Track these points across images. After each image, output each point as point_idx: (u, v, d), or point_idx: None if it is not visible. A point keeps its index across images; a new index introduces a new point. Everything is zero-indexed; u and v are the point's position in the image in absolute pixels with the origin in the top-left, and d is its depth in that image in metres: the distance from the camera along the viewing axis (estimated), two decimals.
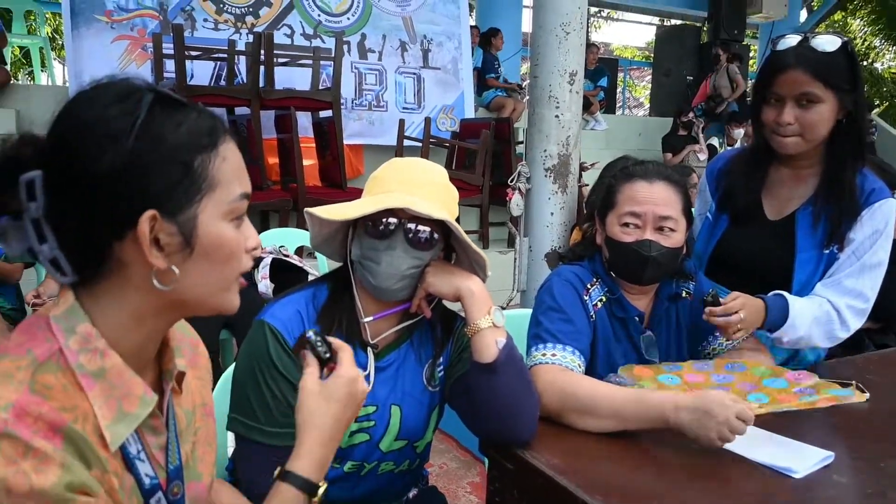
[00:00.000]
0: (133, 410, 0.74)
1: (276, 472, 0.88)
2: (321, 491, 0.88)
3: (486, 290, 1.18)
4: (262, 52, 4.80)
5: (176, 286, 0.73)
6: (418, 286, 1.19)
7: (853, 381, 1.25)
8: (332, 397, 0.91)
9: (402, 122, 5.58)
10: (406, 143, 5.50)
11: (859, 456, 1.16)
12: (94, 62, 5.33)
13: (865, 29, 13.96)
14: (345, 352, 0.95)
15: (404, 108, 6.55)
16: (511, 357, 1.14)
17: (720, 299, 1.39)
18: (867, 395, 1.35)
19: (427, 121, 5.49)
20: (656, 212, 1.36)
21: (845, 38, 1.49)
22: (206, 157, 0.72)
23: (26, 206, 0.68)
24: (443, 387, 1.29)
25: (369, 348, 1.22)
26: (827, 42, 1.46)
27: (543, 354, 1.30)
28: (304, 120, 5.31)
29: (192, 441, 0.87)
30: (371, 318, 1.20)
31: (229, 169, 0.75)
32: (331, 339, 0.96)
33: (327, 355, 0.94)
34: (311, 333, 0.94)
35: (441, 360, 1.28)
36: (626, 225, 1.38)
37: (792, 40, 1.50)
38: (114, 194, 0.68)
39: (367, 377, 1.21)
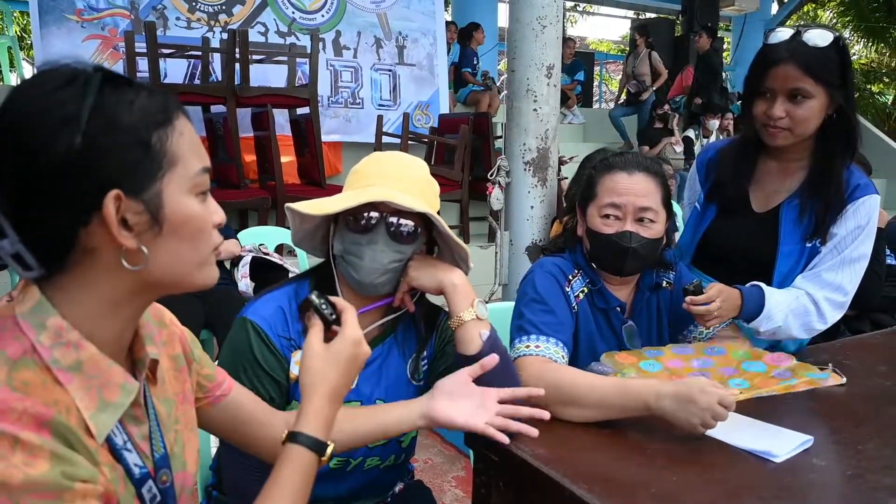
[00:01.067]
0: (115, 399, 0.72)
1: (284, 435, 0.87)
2: (329, 450, 0.88)
3: (468, 282, 1.18)
4: (237, 49, 4.75)
5: (147, 266, 0.71)
6: (401, 280, 1.19)
7: (829, 364, 1.27)
8: (337, 359, 0.91)
9: (380, 117, 5.56)
10: (384, 139, 5.48)
11: (838, 439, 1.18)
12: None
13: (835, 21, 14.15)
14: (349, 312, 0.94)
15: (380, 105, 6.53)
16: (495, 349, 1.14)
17: (703, 289, 1.40)
18: (844, 378, 1.38)
19: (405, 116, 5.47)
20: (636, 203, 1.37)
21: (836, 34, 1.49)
22: (162, 133, 0.71)
23: None
24: (427, 381, 1.29)
25: None
26: (819, 37, 1.47)
27: (527, 346, 1.30)
28: (280, 118, 5.27)
29: (175, 430, 0.85)
30: (361, 311, 1.19)
31: (187, 144, 0.74)
32: (333, 298, 0.96)
33: (333, 316, 0.93)
34: (313, 296, 0.93)
35: (425, 353, 1.28)
36: (607, 216, 1.39)
37: (784, 34, 1.50)
38: (74, 179, 0.66)
39: None
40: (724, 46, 12.02)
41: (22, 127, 0.66)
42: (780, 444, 1.09)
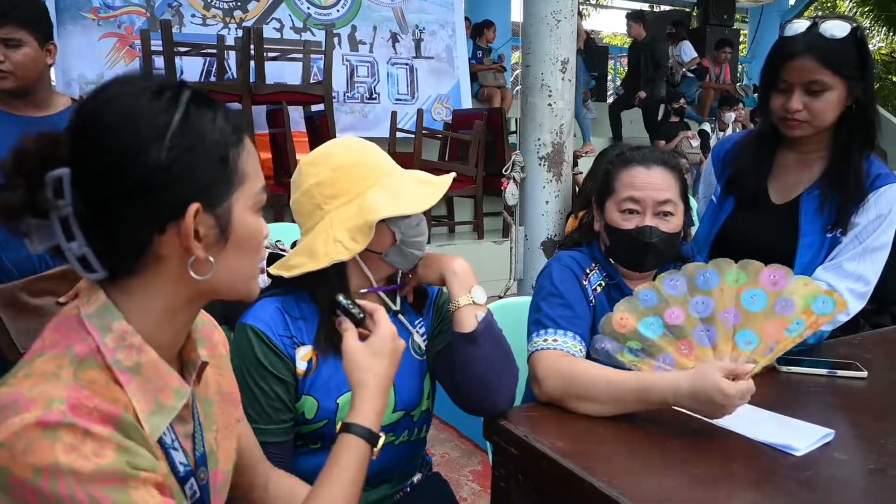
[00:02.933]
0: (169, 403, 0.75)
1: (339, 427, 0.94)
2: (381, 442, 0.96)
3: (468, 270, 1.24)
4: (252, 46, 4.77)
5: (211, 276, 0.74)
6: (411, 277, 1.28)
7: (834, 291, 1.23)
8: (381, 353, 0.97)
9: (394, 113, 5.57)
10: (399, 135, 5.49)
11: (859, 433, 1.17)
12: (81, 60, 5.29)
13: (854, 10, 13.94)
14: (379, 311, 1.01)
15: (397, 100, 6.53)
16: (489, 329, 1.20)
17: None
18: (847, 305, 1.34)
19: (419, 112, 5.48)
20: (655, 197, 1.36)
21: (855, 24, 1.46)
22: (236, 151, 0.74)
23: (53, 205, 0.66)
24: (427, 355, 1.33)
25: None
26: (836, 28, 1.44)
27: (545, 340, 1.31)
28: (295, 114, 5.29)
29: (214, 429, 0.88)
30: (367, 290, 1.25)
31: (253, 162, 0.77)
32: (360, 301, 1.02)
33: (361, 315, 1.00)
34: (341, 298, 1.00)
35: (423, 328, 1.34)
36: (627, 211, 1.39)
37: (800, 26, 1.48)
38: (159, 191, 0.68)
39: None
40: (741, 39, 11.89)
41: (109, 135, 0.67)
42: (801, 437, 1.09)
